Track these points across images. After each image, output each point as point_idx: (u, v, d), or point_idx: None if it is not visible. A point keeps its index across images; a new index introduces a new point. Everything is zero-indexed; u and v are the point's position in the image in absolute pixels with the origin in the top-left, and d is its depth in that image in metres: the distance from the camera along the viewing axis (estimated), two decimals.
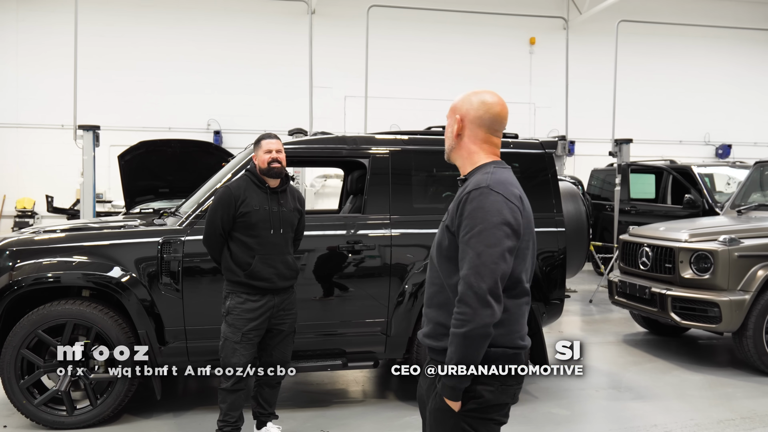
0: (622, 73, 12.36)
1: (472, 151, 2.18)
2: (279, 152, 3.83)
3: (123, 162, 6.97)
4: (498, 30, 15.46)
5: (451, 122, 2.21)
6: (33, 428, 4.25)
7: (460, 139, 2.19)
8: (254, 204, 3.77)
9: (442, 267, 2.12)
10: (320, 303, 4.52)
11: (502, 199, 2.01)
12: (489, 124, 2.17)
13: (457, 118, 2.18)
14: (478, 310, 1.93)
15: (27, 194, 13.84)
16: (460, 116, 2.18)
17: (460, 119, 2.18)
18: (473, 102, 2.18)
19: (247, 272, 3.73)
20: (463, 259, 1.99)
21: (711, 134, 16.86)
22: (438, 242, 2.16)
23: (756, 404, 4.90)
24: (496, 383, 2.05)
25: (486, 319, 1.94)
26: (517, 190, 2.09)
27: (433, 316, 2.16)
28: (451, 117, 2.21)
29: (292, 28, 14.42)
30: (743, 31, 16.07)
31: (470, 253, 1.97)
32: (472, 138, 2.18)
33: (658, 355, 6.37)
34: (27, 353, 4.14)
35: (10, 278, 4.15)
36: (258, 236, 3.76)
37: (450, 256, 2.09)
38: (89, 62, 12.77)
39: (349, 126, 14.47)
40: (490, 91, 2.21)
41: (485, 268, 1.94)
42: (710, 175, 9.85)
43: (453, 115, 2.21)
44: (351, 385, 5.42)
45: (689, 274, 5.75)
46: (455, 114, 2.20)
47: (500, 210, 1.99)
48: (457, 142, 2.20)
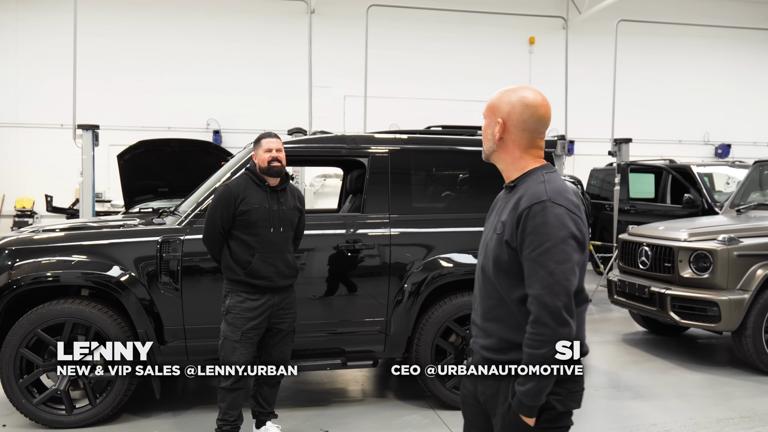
0: (621, 73, 12.36)
1: (517, 156, 2.11)
2: (279, 151, 3.83)
3: (122, 161, 6.98)
4: (497, 29, 15.45)
5: (491, 123, 2.11)
6: (32, 427, 4.25)
7: (504, 143, 2.11)
8: (254, 202, 3.77)
9: (502, 281, 2.07)
10: (319, 302, 4.52)
11: (565, 211, 1.97)
12: (534, 127, 2.08)
13: (498, 122, 2.09)
14: (556, 330, 1.92)
15: (26, 194, 13.83)
16: (501, 120, 2.09)
17: (502, 123, 2.09)
18: (515, 104, 2.07)
19: (247, 271, 3.73)
20: (531, 277, 1.95)
21: (710, 134, 16.86)
22: (495, 256, 2.07)
23: (755, 403, 4.91)
24: (564, 391, 2.04)
25: (565, 337, 1.94)
26: (573, 197, 2.04)
27: (495, 330, 2.11)
28: (491, 118, 2.12)
29: (291, 28, 14.41)
30: (743, 30, 16.07)
31: (541, 271, 1.93)
32: (516, 142, 2.09)
33: (657, 354, 6.38)
34: (26, 352, 4.14)
35: (9, 277, 4.15)
36: (258, 234, 3.76)
37: (511, 271, 2.03)
38: (89, 62, 12.76)
39: (349, 125, 14.47)
40: (531, 88, 2.11)
41: (559, 286, 1.91)
42: (709, 174, 9.85)
43: (493, 117, 2.11)
44: (350, 384, 5.42)
45: (688, 274, 5.76)
46: (496, 116, 2.10)
47: (565, 224, 1.95)
48: (499, 145, 2.11)
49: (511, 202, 2.06)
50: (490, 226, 2.18)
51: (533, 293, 1.94)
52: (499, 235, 2.06)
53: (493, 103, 2.13)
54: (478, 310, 2.18)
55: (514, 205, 2.03)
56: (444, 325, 4.59)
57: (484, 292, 2.15)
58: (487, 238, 2.17)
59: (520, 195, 2.04)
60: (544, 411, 2.03)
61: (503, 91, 2.12)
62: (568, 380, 2.03)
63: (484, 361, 2.13)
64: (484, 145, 2.17)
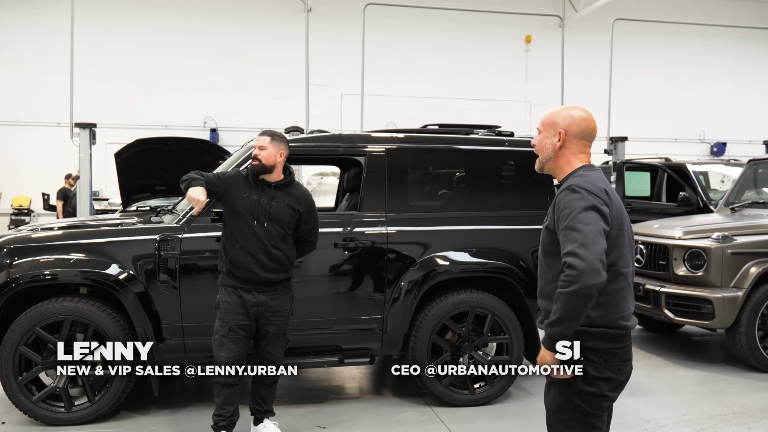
0: (617, 71, 12.41)
1: (570, 161, 2.45)
2: (261, 149, 3.84)
3: (120, 160, 6.98)
4: (494, 28, 15.49)
5: (550, 134, 2.45)
6: (31, 425, 4.27)
7: (561, 150, 2.44)
8: (244, 192, 3.84)
9: (548, 262, 2.39)
10: (317, 300, 4.54)
11: (587, 192, 2.27)
12: (589, 136, 2.46)
13: (560, 132, 2.42)
14: (583, 271, 2.14)
15: (23, 192, 13.84)
16: (563, 130, 2.42)
17: (563, 133, 2.42)
18: (575, 118, 2.43)
19: (229, 259, 3.81)
20: (565, 242, 2.22)
21: (706, 132, 16.93)
22: (542, 242, 2.45)
23: (748, 400, 4.95)
24: (599, 359, 2.29)
25: (591, 281, 2.14)
26: (602, 184, 2.33)
27: (544, 305, 2.42)
28: (551, 130, 2.45)
29: (288, 26, 14.43)
30: (738, 29, 16.14)
31: (570, 233, 2.21)
32: (572, 150, 2.43)
33: (651, 351, 6.42)
34: (25, 350, 4.16)
35: (8, 275, 4.17)
36: (240, 224, 3.81)
37: (553, 250, 2.34)
38: (85, 60, 12.77)
39: (346, 124, 14.49)
40: (581, 107, 2.50)
41: (587, 239, 2.17)
42: (705, 172, 9.89)
43: (553, 129, 2.44)
44: (347, 382, 5.45)
45: (683, 271, 5.80)
46: (557, 128, 2.43)
47: (586, 198, 2.25)
48: (559, 153, 2.45)
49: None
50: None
51: (566, 250, 2.20)
52: (544, 224, 2.42)
53: (552, 119, 2.47)
54: (537, 292, 2.50)
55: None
56: (440, 323, 4.62)
57: (539, 274, 2.48)
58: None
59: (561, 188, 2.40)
60: (578, 376, 2.28)
61: (561, 108, 2.51)
62: (604, 351, 2.29)
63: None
64: (542, 156, 2.51)
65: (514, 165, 4.98)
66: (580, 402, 2.31)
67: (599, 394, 2.32)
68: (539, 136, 2.49)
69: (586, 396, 2.31)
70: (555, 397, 2.38)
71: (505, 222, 4.73)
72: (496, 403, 4.76)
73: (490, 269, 4.66)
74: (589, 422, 2.34)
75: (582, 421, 2.33)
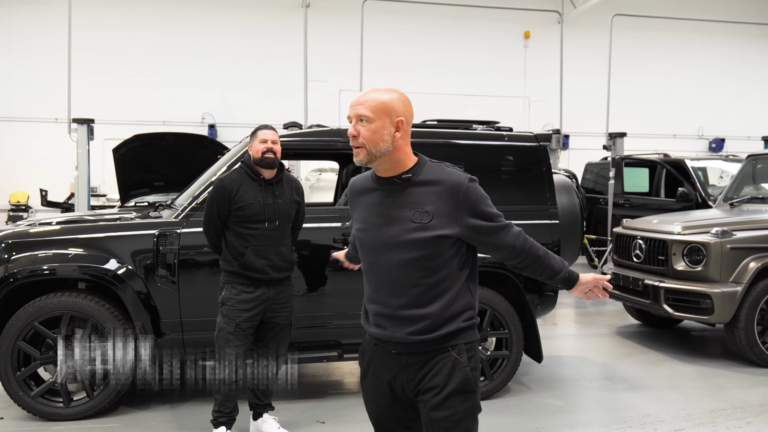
0: (616, 67, 12.41)
1: (408, 153, 2.17)
2: (274, 143, 3.83)
3: (118, 155, 6.97)
4: (493, 24, 15.46)
5: (386, 124, 2.13)
6: (30, 420, 4.26)
7: (400, 141, 2.14)
8: (248, 197, 3.77)
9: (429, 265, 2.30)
10: (316, 295, 4.54)
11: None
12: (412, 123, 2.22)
13: (401, 121, 2.14)
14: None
15: (21, 188, 13.80)
16: (403, 118, 2.15)
17: (403, 122, 2.15)
18: (407, 104, 2.21)
19: (240, 263, 3.76)
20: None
21: (704, 128, 16.93)
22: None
23: (747, 394, 4.96)
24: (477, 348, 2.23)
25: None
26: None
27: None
28: (386, 118, 2.14)
29: (286, 22, 14.40)
30: (736, 25, 16.13)
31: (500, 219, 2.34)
32: (407, 140, 2.16)
33: (651, 346, 6.43)
34: (23, 345, 4.15)
35: (6, 270, 4.15)
36: (253, 228, 3.77)
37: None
38: (83, 56, 12.73)
39: (344, 120, 14.46)
40: (395, 89, 2.25)
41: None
42: (703, 168, 9.90)
43: (388, 117, 2.14)
44: (346, 377, 5.45)
45: (682, 266, 5.80)
46: (393, 116, 2.14)
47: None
48: (397, 144, 2.14)
49: None
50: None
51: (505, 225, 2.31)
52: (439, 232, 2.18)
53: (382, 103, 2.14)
54: None
55: None
56: None
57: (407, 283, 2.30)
58: None
59: None
60: (476, 370, 2.16)
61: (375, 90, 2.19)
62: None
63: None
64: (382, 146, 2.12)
65: (513, 160, 4.98)
66: (479, 400, 2.18)
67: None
68: (370, 125, 2.09)
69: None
70: (456, 407, 2.09)
71: (505, 217, 4.71)
72: (496, 398, 4.77)
73: (489, 264, 4.66)
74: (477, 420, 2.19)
75: (477, 421, 2.17)
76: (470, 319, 2.16)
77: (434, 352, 2.12)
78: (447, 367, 2.10)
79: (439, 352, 2.12)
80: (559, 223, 4.99)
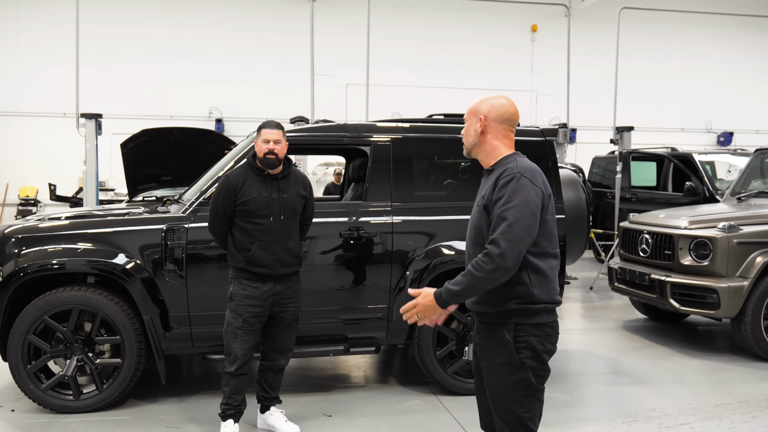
0: (623, 61, 12.35)
1: (494, 146, 2.54)
2: (277, 142, 3.81)
3: (126, 150, 7.01)
4: (500, 17, 15.42)
5: (473, 122, 2.56)
6: (40, 412, 4.31)
7: (484, 135, 2.54)
8: (253, 192, 3.79)
9: (478, 240, 2.53)
10: (322, 289, 4.56)
11: (530, 181, 2.37)
12: (509, 121, 2.54)
13: (481, 119, 2.52)
14: (505, 255, 2.27)
15: (29, 182, 13.89)
16: (483, 116, 2.52)
17: (483, 119, 2.52)
18: (494, 105, 2.53)
19: (247, 258, 3.78)
20: (496, 225, 2.36)
21: (712, 122, 16.85)
22: (477, 223, 2.55)
23: (753, 389, 4.96)
24: (542, 333, 2.41)
25: (498, 274, 2.29)
26: (538, 173, 2.44)
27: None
28: (474, 117, 2.57)
29: (293, 16, 14.40)
30: (745, 18, 16.02)
31: (504, 218, 2.36)
32: (493, 134, 2.53)
33: (657, 341, 6.43)
34: (34, 339, 4.20)
35: (16, 265, 4.20)
36: (258, 224, 3.79)
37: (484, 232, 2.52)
38: (91, 50, 12.79)
39: (351, 114, 14.48)
40: (503, 96, 2.60)
41: (511, 235, 2.31)
42: (711, 162, 9.87)
43: (475, 116, 2.56)
44: (353, 371, 5.48)
45: (688, 261, 5.79)
46: (478, 115, 2.54)
47: (526, 186, 2.37)
48: (482, 138, 2.55)
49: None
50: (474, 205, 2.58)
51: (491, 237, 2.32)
52: (483, 203, 2.46)
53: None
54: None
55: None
56: None
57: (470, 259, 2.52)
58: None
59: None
60: (528, 348, 2.38)
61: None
62: (546, 325, 2.41)
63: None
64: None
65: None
66: (533, 379, 2.39)
67: (546, 369, 2.45)
68: (465, 126, 2.61)
69: (537, 371, 2.40)
70: (505, 377, 2.40)
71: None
72: None
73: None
74: (538, 397, 2.44)
75: (533, 397, 2.42)
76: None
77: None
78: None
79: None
80: (566, 218, 4.99)
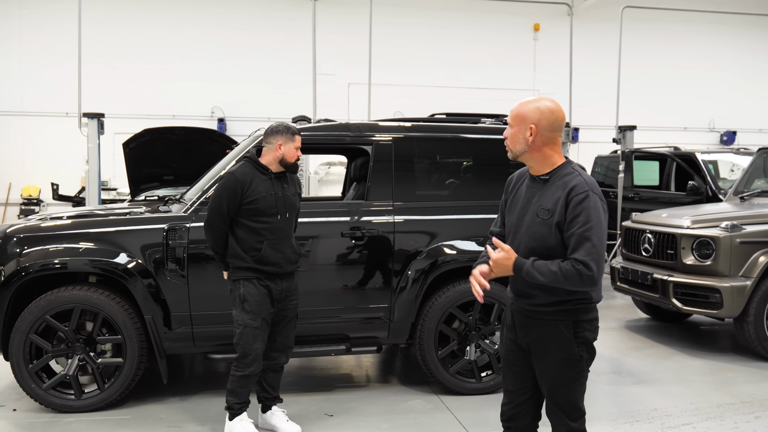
0: (626, 60, 12.32)
1: (546, 153, 2.58)
2: (299, 148, 3.92)
3: (128, 149, 7.01)
4: (502, 16, 15.38)
5: (522, 129, 2.57)
6: (41, 412, 4.32)
7: (534, 143, 2.56)
8: (261, 191, 3.78)
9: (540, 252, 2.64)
10: (324, 288, 4.56)
11: (599, 198, 2.51)
12: (558, 128, 2.57)
13: (531, 128, 2.53)
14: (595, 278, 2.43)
15: (32, 182, 13.89)
16: (534, 125, 2.54)
17: (534, 128, 2.54)
18: (543, 111, 2.55)
19: (256, 258, 3.76)
20: (579, 246, 2.47)
21: (716, 121, 16.79)
22: (539, 233, 2.62)
23: (756, 389, 4.95)
24: (593, 327, 2.61)
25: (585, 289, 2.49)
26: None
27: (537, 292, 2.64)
28: (522, 125, 2.57)
29: (295, 16, 14.39)
30: (749, 17, 15.96)
31: (589, 241, 2.48)
32: (543, 140, 2.55)
33: (659, 340, 6.42)
34: (35, 338, 4.20)
35: (18, 264, 4.20)
36: (267, 222, 3.78)
37: (549, 244, 2.60)
38: (93, 50, 12.78)
39: (353, 113, 14.46)
40: (549, 98, 2.62)
41: (601, 252, 2.46)
42: (714, 161, 9.83)
43: (524, 124, 2.57)
44: (354, 370, 5.48)
45: (691, 260, 5.78)
46: (527, 123, 2.56)
47: (599, 206, 2.53)
48: (532, 146, 2.57)
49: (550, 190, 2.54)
50: (528, 213, 2.59)
51: (581, 256, 2.41)
52: (553, 220, 2.49)
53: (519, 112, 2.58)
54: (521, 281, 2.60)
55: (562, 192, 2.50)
56: (447, 312, 4.63)
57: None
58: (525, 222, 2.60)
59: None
60: (584, 343, 2.56)
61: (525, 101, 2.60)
62: (595, 320, 2.62)
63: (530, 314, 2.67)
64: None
65: None
66: (586, 368, 2.62)
67: (594, 356, 2.67)
68: (511, 130, 2.59)
69: (589, 362, 2.62)
70: (563, 370, 2.58)
71: None
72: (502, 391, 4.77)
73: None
74: (584, 384, 2.67)
75: (584, 383, 2.66)
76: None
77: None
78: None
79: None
80: None
